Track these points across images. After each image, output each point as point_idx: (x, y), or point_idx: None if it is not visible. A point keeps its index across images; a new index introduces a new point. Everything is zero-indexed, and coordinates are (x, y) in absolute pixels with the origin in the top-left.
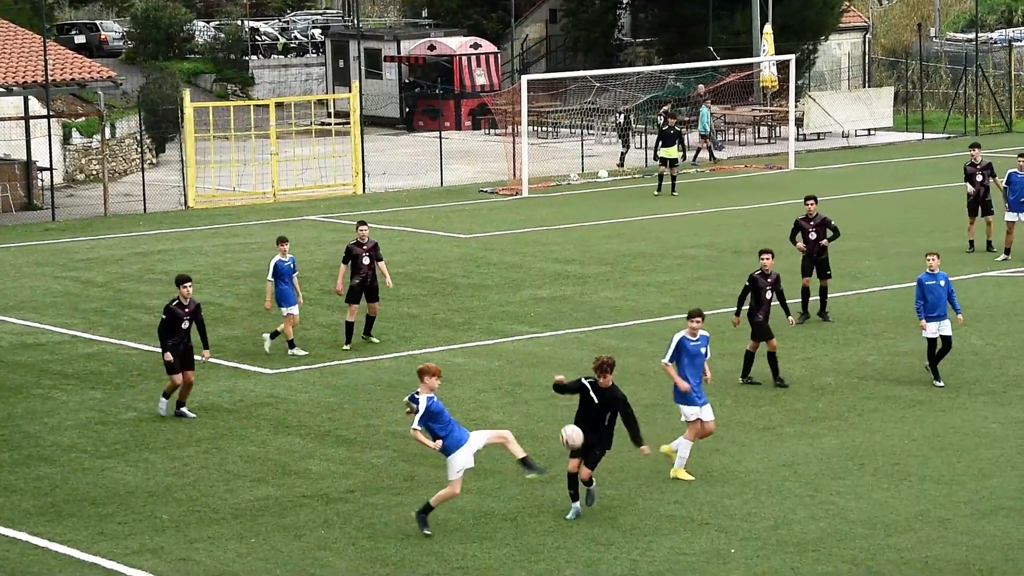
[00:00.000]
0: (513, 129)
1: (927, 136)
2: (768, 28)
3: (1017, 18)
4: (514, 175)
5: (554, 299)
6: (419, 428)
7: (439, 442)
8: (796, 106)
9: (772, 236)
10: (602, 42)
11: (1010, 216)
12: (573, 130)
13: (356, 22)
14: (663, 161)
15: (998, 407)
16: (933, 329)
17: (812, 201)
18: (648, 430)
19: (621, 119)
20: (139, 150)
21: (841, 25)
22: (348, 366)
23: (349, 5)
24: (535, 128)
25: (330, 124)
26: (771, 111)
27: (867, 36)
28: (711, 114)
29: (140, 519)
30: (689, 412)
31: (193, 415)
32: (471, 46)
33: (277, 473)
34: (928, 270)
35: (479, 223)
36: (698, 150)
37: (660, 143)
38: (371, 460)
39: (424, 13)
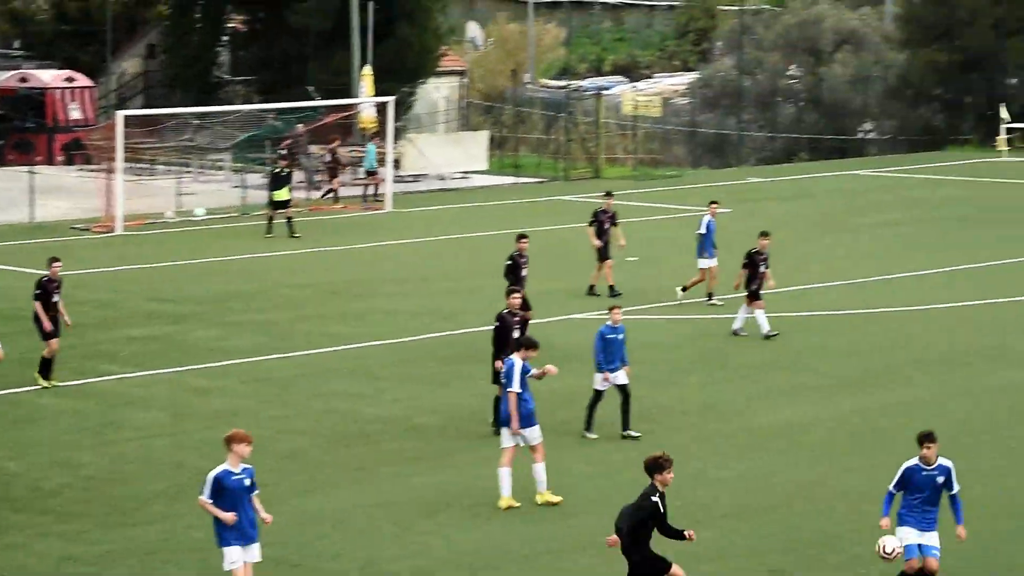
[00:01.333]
0: (108, 165)
1: (520, 180)
2: (367, 69)
3: (607, 67)
4: (108, 212)
5: (148, 338)
6: (208, 500)
7: (232, 514)
8: (394, 147)
9: (371, 276)
10: (201, 79)
11: (707, 263)
12: (170, 167)
13: None
14: (274, 204)
15: (585, 447)
16: (607, 381)
17: (524, 239)
18: (317, 472)
19: (328, 157)
20: None
21: (439, 69)
22: None
23: None
24: (131, 164)
25: None
26: (359, 153)
27: (464, 80)
28: (377, 151)
29: None
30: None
31: None
32: (65, 79)
33: None
34: (611, 323)
35: (71, 260)
36: (366, 187)
37: (273, 186)
38: None
39: (16, 44)
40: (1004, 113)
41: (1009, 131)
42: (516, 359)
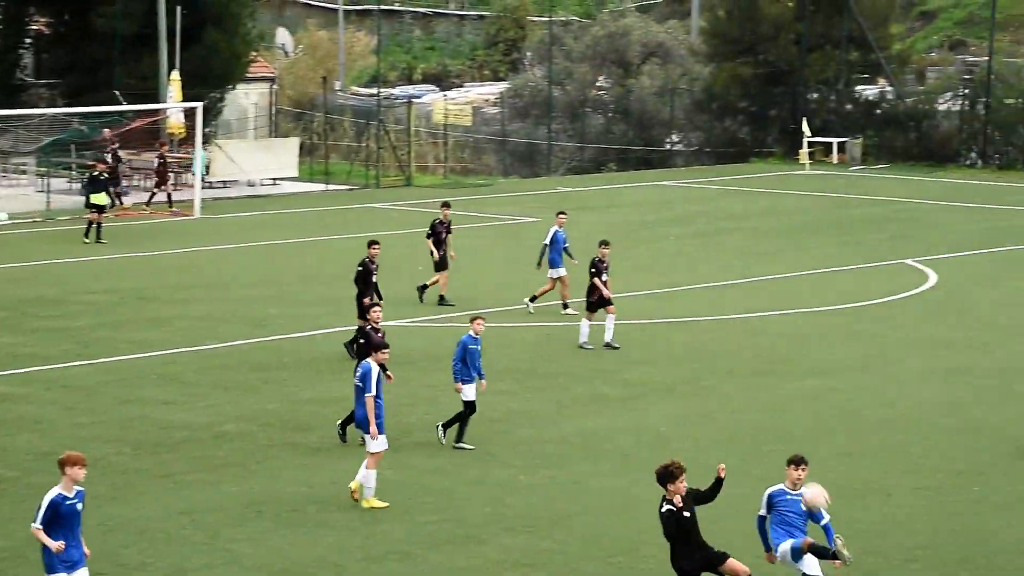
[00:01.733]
0: None
1: (331, 187)
2: (175, 75)
3: (417, 76)
4: None
5: None
6: (40, 527)
7: (60, 543)
8: (203, 153)
9: (181, 282)
10: (2, 81)
11: (556, 272)
12: None
13: None
14: (93, 207)
15: (393, 455)
16: (459, 391)
17: (375, 245)
18: (123, 480)
19: (156, 162)
20: None
21: (248, 75)
22: None
23: None
24: None
25: None
26: (178, 158)
27: (274, 87)
28: (207, 157)
29: None
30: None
31: None
32: None
33: None
34: (473, 333)
35: None
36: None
37: (90, 189)
38: None
39: None
40: (805, 127)
41: (810, 144)
42: (372, 364)
